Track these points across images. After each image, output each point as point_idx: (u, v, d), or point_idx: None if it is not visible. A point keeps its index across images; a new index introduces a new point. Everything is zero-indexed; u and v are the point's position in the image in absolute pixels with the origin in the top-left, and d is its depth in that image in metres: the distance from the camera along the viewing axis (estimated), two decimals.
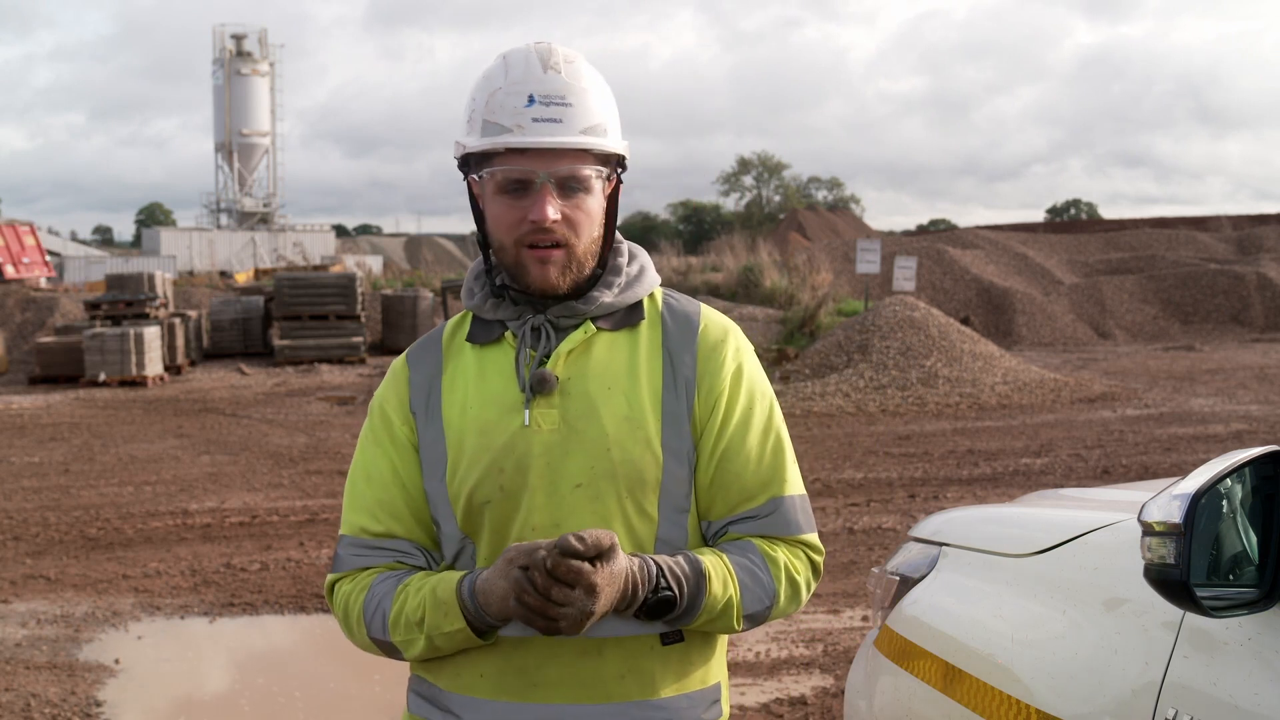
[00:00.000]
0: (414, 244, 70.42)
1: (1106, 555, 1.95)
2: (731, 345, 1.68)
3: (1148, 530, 1.51)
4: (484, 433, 1.62)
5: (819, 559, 1.68)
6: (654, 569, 1.51)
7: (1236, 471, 1.55)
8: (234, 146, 52.56)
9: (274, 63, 53.49)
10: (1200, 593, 1.49)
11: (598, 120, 1.61)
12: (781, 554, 1.63)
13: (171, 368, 18.18)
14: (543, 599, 1.41)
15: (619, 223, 1.71)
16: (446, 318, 21.99)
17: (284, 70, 54.33)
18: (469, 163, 1.63)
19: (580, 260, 1.62)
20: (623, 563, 1.46)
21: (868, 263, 19.77)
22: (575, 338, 1.63)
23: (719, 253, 28.47)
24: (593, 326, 1.64)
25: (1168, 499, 1.50)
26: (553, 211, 1.57)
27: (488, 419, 1.62)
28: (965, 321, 21.16)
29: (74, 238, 64.51)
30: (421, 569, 1.66)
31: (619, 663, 1.60)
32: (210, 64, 53.11)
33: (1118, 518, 1.99)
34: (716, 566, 1.57)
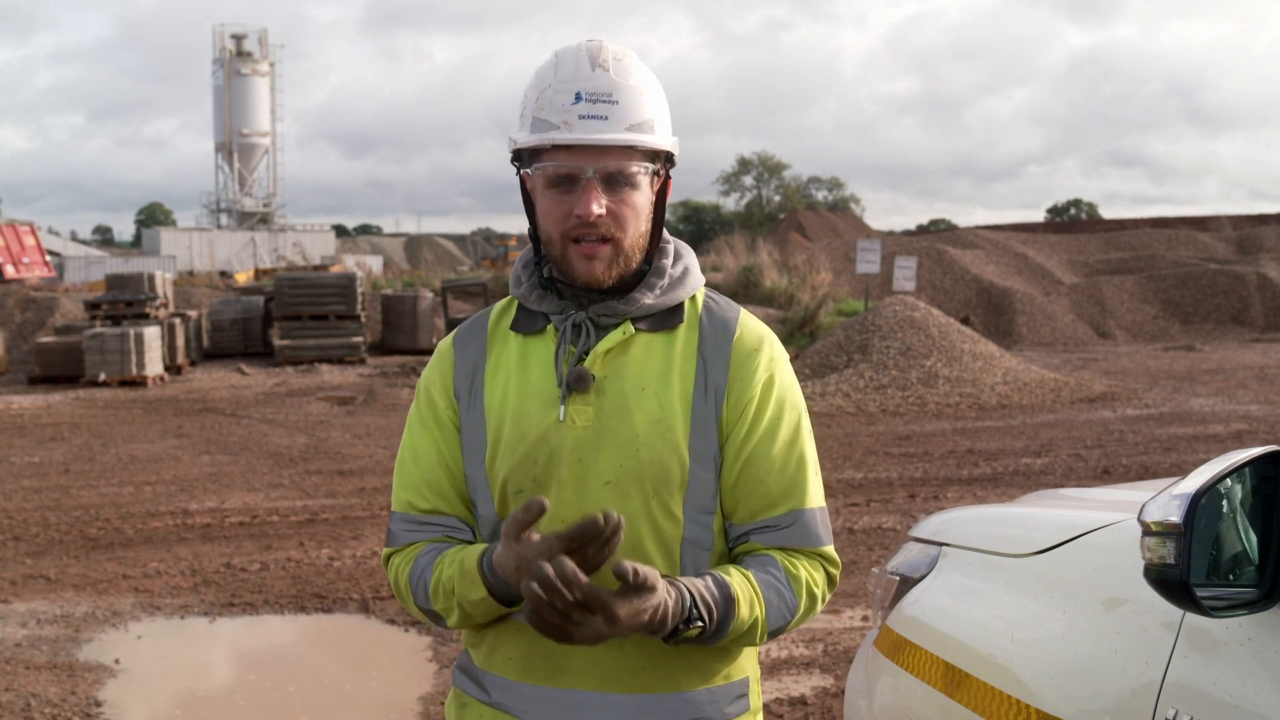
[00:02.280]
0: (414, 244, 70.46)
1: (1106, 555, 1.95)
2: (765, 355, 1.69)
3: (1147, 530, 1.51)
4: (521, 422, 1.65)
5: (835, 571, 1.70)
6: (688, 602, 1.51)
7: (1236, 471, 1.55)
8: (234, 146, 52.58)
9: (274, 63, 53.50)
10: (1200, 593, 1.49)
11: (645, 117, 1.63)
12: (803, 569, 1.65)
13: (171, 368, 18.17)
14: (562, 617, 1.42)
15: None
16: (446, 318, 21.77)
17: (283, 71, 54.34)
18: (521, 158, 1.67)
19: (627, 254, 1.65)
20: (657, 599, 1.46)
21: (868, 263, 19.78)
22: (614, 337, 1.65)
23: (719, 252, 28.50)
24: (631, 327, 1.67)
25: (1167, 499, 1.50)
26: (597, 207, 1.60)
27: (525, 410, 1.66)
28: (965, 321, 21.16)
29: (74, 238, 64.57)
30: (469, 543, 1.70)
31: (639, 656, 1.62)
32: (210, 64, 53.17)
33: (1118, 518, 1.99)
34: (744, 589, 1.58)
